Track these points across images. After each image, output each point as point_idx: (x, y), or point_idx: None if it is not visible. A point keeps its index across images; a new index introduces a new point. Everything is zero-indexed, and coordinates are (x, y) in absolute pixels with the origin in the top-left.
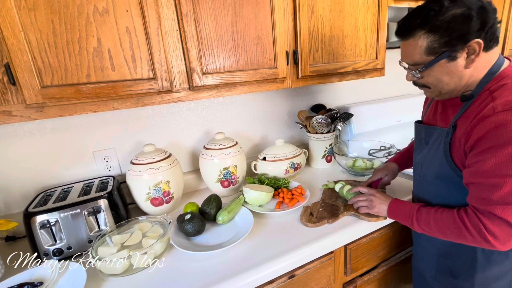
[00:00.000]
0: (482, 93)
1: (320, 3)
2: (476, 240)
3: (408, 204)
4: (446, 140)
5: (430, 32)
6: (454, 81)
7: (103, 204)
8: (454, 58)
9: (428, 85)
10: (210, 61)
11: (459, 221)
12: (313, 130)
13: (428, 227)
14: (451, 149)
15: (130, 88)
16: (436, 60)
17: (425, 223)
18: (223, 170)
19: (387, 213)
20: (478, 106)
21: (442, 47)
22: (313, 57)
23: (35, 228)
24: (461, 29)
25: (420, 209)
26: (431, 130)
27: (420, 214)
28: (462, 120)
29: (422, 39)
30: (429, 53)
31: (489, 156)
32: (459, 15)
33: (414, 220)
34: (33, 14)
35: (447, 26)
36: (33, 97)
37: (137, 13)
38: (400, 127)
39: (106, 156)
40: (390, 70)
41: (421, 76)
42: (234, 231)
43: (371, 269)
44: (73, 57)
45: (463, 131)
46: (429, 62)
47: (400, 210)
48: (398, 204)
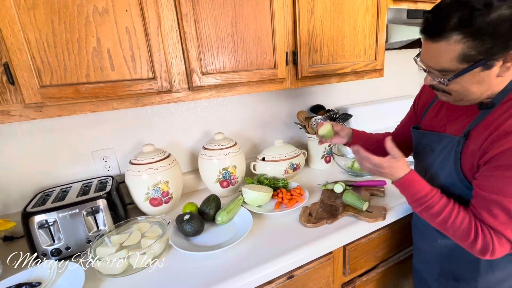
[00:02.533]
0: (504, 103)
1: (320, 4)
2: (473, 249)
3: (426, 185)
4: (457, 149)
5: (470, 37)
6: (481, 90)
7: (101, 204)
8: (490, 67)
9: (451, 92)
10: (210, 62)
11: (473, 231)
12: (312, 131)
13: (434, 218)
14: (462, 159)
15: (129, 88)
16: (470, 69)
17: (435, 214)
18: (222, 170)
19: (398, 180)
20: (498, 117)
21: (480, 54)
22: (312, 57)
23: (33, 228)
24: (507, 35)
25: (436, 197)
26: (438, 137)
27: (433, 203)
28: (478, 130)
29: (458, 44)
30: (463, 60)
31: (508, 174)
32: (507, 18)
33: (424, 205)
34: (33, 14)
35: (493, 31)
36: (32, 96)
37: (137, 13)
38: None
39: (105, 156)
40: (389, 71)
41: (447, 85)
42: (233, 231)
43: (370, 270)
44: (73, 56)
45: (479, 143)
46: (462, 70)
47: (413, 188)
48: (411, 182)
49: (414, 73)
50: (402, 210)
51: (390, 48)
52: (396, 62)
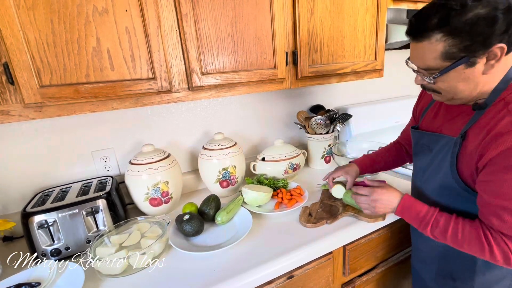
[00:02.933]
0: (496, 103)
1: (320, 4)
2: (497, 261)
3: (423, 206)
4: (454, 150)
5: (449, 35)
6: (469, 88)
7: (101, 204)
8: (473, 64)
9: (440, 91)
10: (210, 62)
11: (485, 242)
12: (312, 131)
13: (443, 236)
14: (458, 160)
15: (129, 88)
16: (453, 66)
17: (442, 231)
18: (222, 170)
19: (396, 209)
20: (492, 118)
21: (461, 52)
22: (312, 58)
23: (33, 228)
24: (484, 32)
25: (439, 215)
26: (436, 138)
27: (437, 221)
28: (473, 130)
29: (439, 42)
30: (446, 58)
31: (508, 176)
32: (483, 16)
33: (429, 226)
34: (32, 13)
35: (470, 29)
36: (31, 96)
37: (137, 13)
38: (399, 128)
39: (104, 156)
40: (389, 71)
41: (433, 83)
42: (233, 231)
43: (369, 270)
44: (72, 56)
45: (476, 144)
46: (445, 68)
47: (414, 210)
48: (412, 203)
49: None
50: None
51: (390, 48)
52: (395, 62)
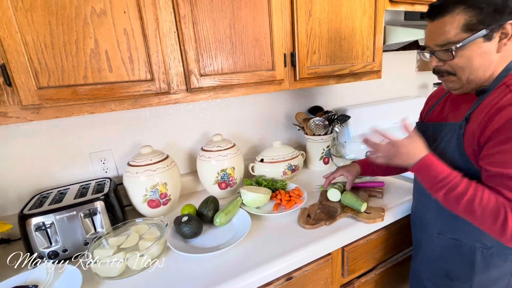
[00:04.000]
0: (498, 87)
1: (318, 6)
2: (505, 232)
3: (446, 168)
4: (459, 132)
5: (470, 7)
6: (483, 65)
7: (99, 206)
8: (490, 38)
9: (456, 70)
10: (208, 63)
11: (502, 211)
12: (311, 132)
13: (456, 200)
14: (464, 141)
15: (127, 90)
16: (474, 37)
17: (458, 196)
18: (221, 172)
19: (414, 164)
20: (494, 98)
21: (481, 24)
22: (310, 59)
23: (30, 230)
24: (500, 6)
25: (460, 180)
26: (440, 126)
27: (457, 185)
28: (476, 113)
29: (461, 15)
30: (467, 29)
31: (508, 147)
32: None
33: (445, 189)
34: (30, 15)
35: (489, 2)
36: (29, 98)
37: (135, 15)
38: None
39: (103, 158)
40: (387, 73)
41: (454, 56)
42: (231, 233)
43: (368, 271)
44: (70, 58)
45: (478, 122)
46: (466, 38)
47: (433, 171)
48: (433, 162)
49: (412, 74)
50: (400, 211)
51: (388, 50)
52: (394, 64)
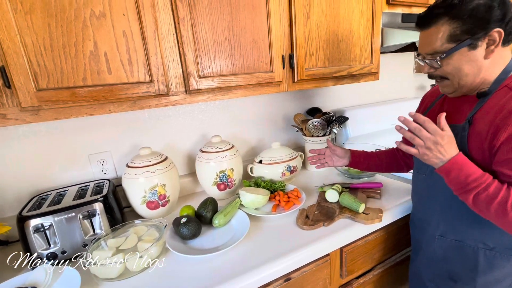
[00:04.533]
0: (499, 89)
1: (316, 9)
2: None
3: (476, 169)
4: (463, 134)
5: (453, 19)
6: (473, 71)
7: (98, 207)
8: (475, 47)
9: (447, 75)
10: (207, 65)
11: None
12: (309, 133)
13: (486, 202)
14: (468, 144)
15: (126, 92)
16: (458, 47)
17: (489, 197)
18: (220, 173)
19: (445, 163)
20: (499, 101)
21: (464, 34)
22: (308, 61)
23: (29, 232)
24: (483, 17)
25: (492, 181)
26: None
27: (489, 186)
28: (480, 115)
29: (445, 26)
30: (451, 40)
31: None
32: (482, 4)
33: (476, 190)
34: (29, 18)
35: (470, 14)
36: (28, 100)
37: (134, 17)
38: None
39: (101, 159)
40: (385, 74)
41: (440, 65)
42: (230, 234)
43: (366, 272)
44: (69, 60)
45: (486, 127)
46: (451, 49)
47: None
48: (465, 162)
49: (409, 76)
50: (398, 212)
51: (386, 52)
52: (391, 65)
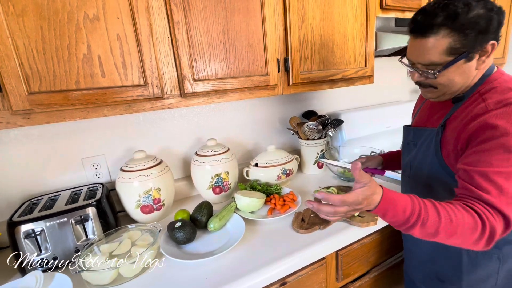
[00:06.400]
0: (472, 95)
1: (310, 13)
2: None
3: (404, 196)
4: (436, 138)
5: (455, 31)
6: (463, 81)
7: (91, 212)
8: (471, 59)
9: (437, 86)
10: (202, 68)
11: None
12: (305, 136)
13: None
14: (442, 148)
15: (120, 95)
16: (456, 60)
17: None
18: (215, 176)
19: (377, 205)
20: (468, 107)
21: (463, 47)
22: (303, 64)
23: (20, 238)
24: (484, 29)
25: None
26: (420, 132)
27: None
28: (452, 120)
29: (445, 38)
30: (450, 53)
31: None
32: (483, 16)
33: (421, 216)
34: (22, 20)
35: (473, 26)
36: (19, 103)
37: (128, 21)
38: (390, 133)
39: (95, 163)
40: (379, 78)
41: (435, 77)
42: (225, 238)
43: (362, 275)
44: (62, 63)
45: (454, 130)
46: (449, 62)
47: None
48: (392, 195)
49: (403, 79)
50: None
51: (380, 55)
52: (386, 69)
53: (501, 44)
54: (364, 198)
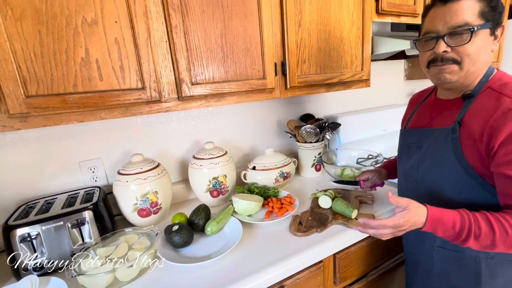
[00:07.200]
0: (483, 91)
1: (307, 17)
2: None
3: (453, 215)
4: (454, 136)
5: None
6: (484, 60)
7: (87, 215)
8: (493, 33)
9: (463, 57)
10: (199, 72)
11: None
12: (302, 140)
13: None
14: (463, 147)
15: (118, 98)
16: (486, 25)
17: (487, 233)
18: (213, 179)
19: (425, 224)
20: (487, 102)
21: (491, 14)
22: (300, 68)
23: (15, 242)
24: (498, 7)
25: (474, 216)
26: (427, 132)
27: (478, 225)
28: (468, 117)
29: (475, 1)
30: (482, 16)
31: None
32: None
33: (472, 236)
34: (20, 24)
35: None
36: (16, 107)
37: (127, 25)
38: (387, 136)
39: (92, 167)
40: (376, 81)
41: (471, 38)
42: (223, 241)
43: (360, 278)
44: (60, 67)
45: (481, 127)
46: (482, 24)
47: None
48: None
49: (400, 83)
50: None
51: (377, 59)
52: (382, 73)
53: None
54: (406, 221)
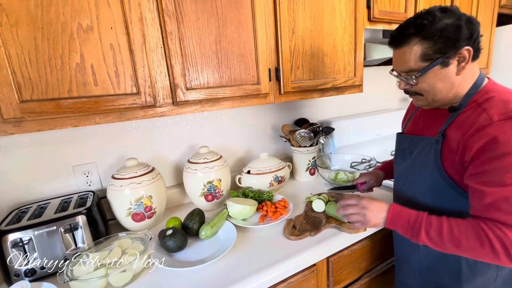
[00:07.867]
0: (469, 104)
1: (301, 24)
2: (498, 255)
3: (411, 211)
4: (436, 148)
5: (424, 40)
6: (446, 87)
7: (81, 220)
8: (447, 64)
9: (422, 92)
10: (194, 77)
11: (481, 233)
12: (297, 144)
13: (439, 235)
14: (442, 157)
15: (112, 103)
16: (431, 66)
17: (437, 231)
18: (207, 184)
19: (386, 218)
20: (469, 116)
21: (436, 53)
22: (294, 74)
23: (7, 247)
24: (453, 36)
25: (429, 217)
26: (417, 140)
27: (430, 222)
28: (452, 129)
29: (417, 46)
30: (424, 59)
31: (497, 165)
32: (450, 24)
33: (422, 228)
34: (15, 30)
35: (440, 34)
36: (10, 111)
37: (122, 31)
38: (380, 140)
39: (86, 171)
40: (368, 87)
41: (416, 83)
42: (217, 245)
43: (354, 281)
44: (55, 72)
45: (457, 141)
46: (425, 68)
47: (403, 217)
48: (399, 211)
49: (392, 88)
50: None
51: (369, 65)
52: (375, 78)
53: (485, 54)
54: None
